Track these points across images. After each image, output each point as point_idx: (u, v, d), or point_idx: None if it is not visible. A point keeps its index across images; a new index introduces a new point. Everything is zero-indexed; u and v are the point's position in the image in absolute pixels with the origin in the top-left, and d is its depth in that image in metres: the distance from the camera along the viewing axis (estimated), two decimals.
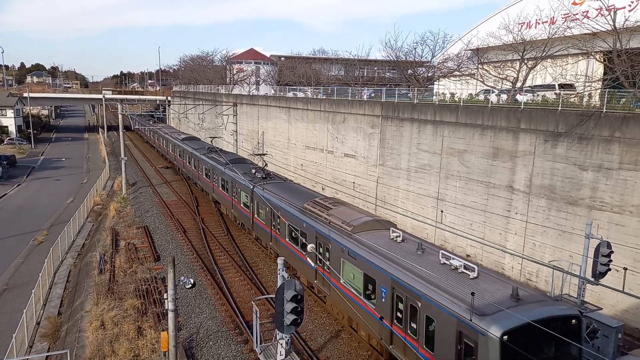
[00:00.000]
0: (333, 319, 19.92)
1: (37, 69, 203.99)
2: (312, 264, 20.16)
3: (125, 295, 21.92)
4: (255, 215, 27.50)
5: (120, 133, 44.97)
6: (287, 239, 22.92)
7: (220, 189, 34.71)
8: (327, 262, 18.91)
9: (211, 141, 46.52)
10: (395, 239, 17.04)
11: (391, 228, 17.98)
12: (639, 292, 17.26)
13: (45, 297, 23.94)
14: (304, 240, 20.84)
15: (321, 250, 19.48)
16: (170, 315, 13.83)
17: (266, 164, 31.93)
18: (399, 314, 14.74)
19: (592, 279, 15.25)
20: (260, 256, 27.64)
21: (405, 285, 14.18)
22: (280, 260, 12.89)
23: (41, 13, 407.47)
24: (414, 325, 13.98)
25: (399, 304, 14.64)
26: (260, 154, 36.50)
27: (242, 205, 29.86)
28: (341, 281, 17.89)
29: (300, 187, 27.91)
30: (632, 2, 28.30)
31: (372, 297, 16.35)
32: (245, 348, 17.80)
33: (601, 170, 19.02)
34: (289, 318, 11.39)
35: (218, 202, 36.93)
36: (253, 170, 30.70)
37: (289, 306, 11.34)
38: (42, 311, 22.59)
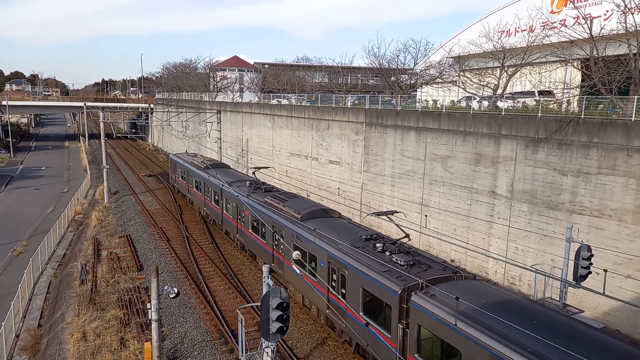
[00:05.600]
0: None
1: (16, 76, 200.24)
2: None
3: (107, 305, 21.56)
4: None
5: (102, 141, 44.39)
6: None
7: None
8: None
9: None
10: None
11: None
12: (619, 294, 17.63)
13: (24, 309, 23.40)
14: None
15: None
16: (154, 325, 13.65)
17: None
18: None
19: (574, 282, 15.48)
20: (245, 264, 27.47)
21: None
22: (265, 268, 12.84)
23: (20, 20, 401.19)
24: None
25: None
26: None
27: None
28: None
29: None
30: (607, 11, 29.04)
31: None
32: (230, 357, 17.65)
33: (580, 175, 19.40)
34: (274, 326, 11.32)
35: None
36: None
37: (274, 314, 11.27)
38: (21, 323, 22.08)
